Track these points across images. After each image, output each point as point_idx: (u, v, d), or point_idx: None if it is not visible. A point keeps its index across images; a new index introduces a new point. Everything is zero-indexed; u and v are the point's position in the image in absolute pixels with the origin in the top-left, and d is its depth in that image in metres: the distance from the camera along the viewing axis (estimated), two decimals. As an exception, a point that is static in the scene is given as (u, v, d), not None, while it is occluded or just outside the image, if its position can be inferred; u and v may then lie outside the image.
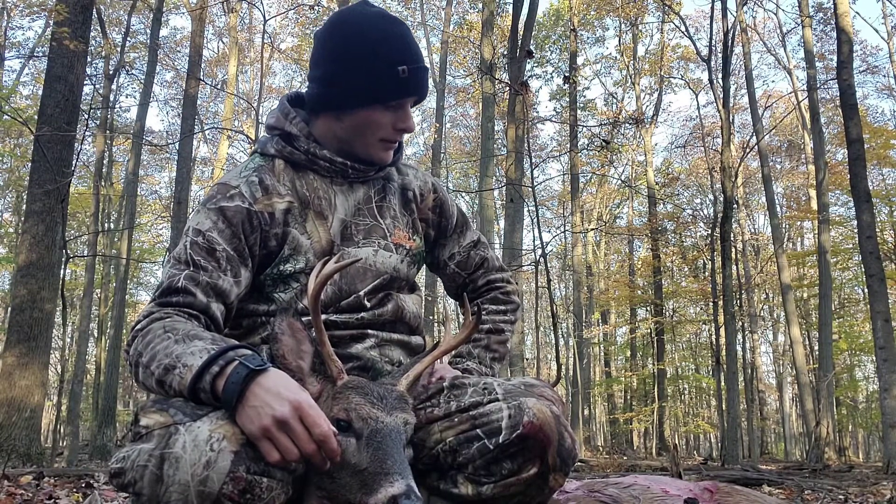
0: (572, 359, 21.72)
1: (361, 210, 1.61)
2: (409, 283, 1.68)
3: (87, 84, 15.64)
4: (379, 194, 1.65)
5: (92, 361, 18.95)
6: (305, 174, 1.58)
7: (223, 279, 1.42)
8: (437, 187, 1.77)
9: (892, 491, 4.69)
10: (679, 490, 1.75)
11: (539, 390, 1.44)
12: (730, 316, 10.05)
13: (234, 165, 22.66)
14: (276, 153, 1.58)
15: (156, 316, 1.35)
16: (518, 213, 11.91)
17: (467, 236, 1.80)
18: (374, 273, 1.58)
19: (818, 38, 19.33)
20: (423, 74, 1.54)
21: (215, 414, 1.19)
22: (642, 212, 24.84)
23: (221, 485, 1.12)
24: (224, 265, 1.43)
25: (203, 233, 1.44)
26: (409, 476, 1.18)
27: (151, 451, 1.14)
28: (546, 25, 23.01)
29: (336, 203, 1.58)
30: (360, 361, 1.52)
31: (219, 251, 1.43)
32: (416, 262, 1.69)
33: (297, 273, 1.51)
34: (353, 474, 1.22)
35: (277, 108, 1.63)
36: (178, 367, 1.23)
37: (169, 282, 1.40)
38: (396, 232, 1.64)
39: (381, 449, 1.22)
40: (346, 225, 1.58)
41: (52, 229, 7.46)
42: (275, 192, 1.52)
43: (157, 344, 1.29)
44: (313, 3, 15.39)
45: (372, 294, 1.57)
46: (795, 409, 26.99)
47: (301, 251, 1.52)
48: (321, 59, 1.55)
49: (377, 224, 1.61)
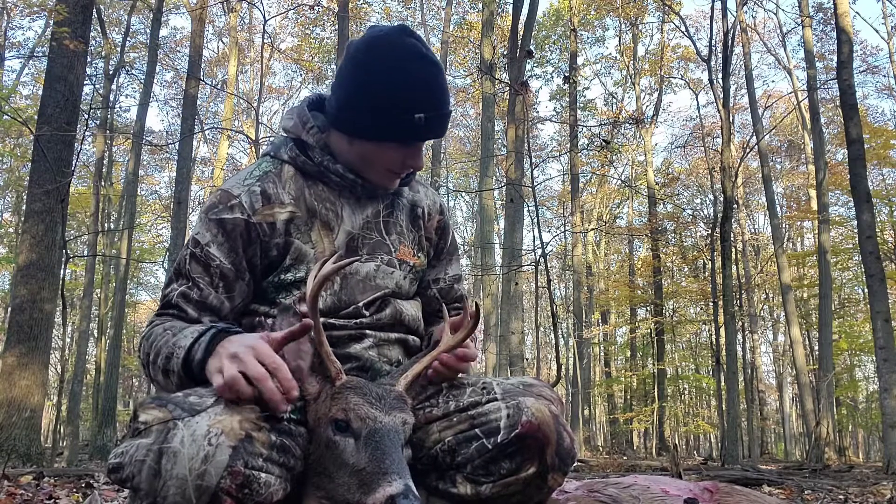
0: (572, 359, 21.71)
1: (370, 224, 1.60)
2: (409, 297, 1.68)
3: (87, 84, 15.66)
4: (387, 209, 1.64)
5: (92, 361, 18.94)
6: (315, 184, 1.57)
7: (213, 296, 1.48)
8: (444, 210, 1.78)
9: (892, 491, 4.69)
10: (679, 490, 1.75)
11: (538, 390, 1.44)
12: (730, 316, 10.04)
13: (234, 166, 22.69)
14: (288, 159, 1.57)
15: (156, 323, 1.46)
16: (518, 213, 11.90)
17: (454, 267, 1.80)
18: (374, 288, 1.57)
19: (818, 38, 19.35)
20: (442, 121, 1.50)
21: (213, 409, 1.20)
22: (642, 212, 24.85)
23: (219, 479, 1.13)
24: (216, 281, 1.47)
25: (202, 245, 1.48)
26: (407, 476, 1.18)
27: (150, 446, 1.14)
28: (546, 25, 23.01)
29: (343, 216, 1.57)
30: (359, 362, 1.52)
31: (213, 267, 1.47)
32: (418, 279, 1.70)
33: (298, 282, 1.51)
34: (351, 474, 1.23)
35: (296, 111, 1.61)
36: (176, 351, 1.34)
37: (167, 297, 1.50)
38: (402, 248, 1.63)
39: (380, 449, 1.22)
40: (352, 238, 1.57)
41: (52, 229, 7.46)
42: (277, 202, 1.52)
43: (158, 341, 1.40)
44: (313, 3, 15.40)
45: (371, 305, 1.57)
46: (795, 409, 26.98)
47: (303, 261, 1.52)
48: (343, 78, 1.52)
49: (382, 240, 1.61)
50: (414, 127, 1.45)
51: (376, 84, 1.44)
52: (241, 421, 1.20)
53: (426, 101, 1.46)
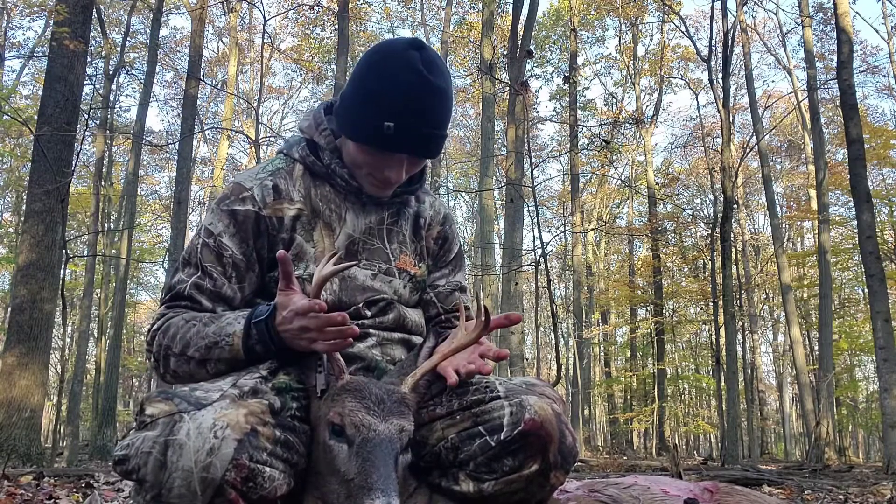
0: (572, 359, 21.71)
1: (372, 230, 1.62)
2: (409, 304, 1.68)
3: (87, 84, 15.65)
4: (392, 218, 1.65)
5: (92, 361, 18.93)
6: (322, 185, 1.59)
7: (227, 286, 1.49)
8: (447, 220, 1.78)
9: (892, 491, 4.69)
10: (679, 490, 1.75)
11: (540, 389, 1.44)
12: (730, 316, 10.03)
13: (234, 166, 22.65)
14: (299, 158, 1.60)
15: (170, 315, 1.46)
16: (518, 213, 11.91)
17: (457, 276, 1.79)
18: (373, 291, 1.59)
19: (818, 38, 19.34)
20: (416, 137, 1.45)
21: (219, 403, 1.21)
22: (642, 212, 24.85)
23: (224, 471, 1.14)
24: (230, 272, 1.50)
25: (214, 235, 1.50)
26: (391, 493, 1.17)
27: (156, 439, 1.15)
28: (546, 25, 23.01)
29: (346, 218, 1.59)
30: (364, 361, 1.53)
31: (226, 257, 1.49)
32: (418, 289, 1.70)
33: (298, 279, 1.51)
34: (340, 482, 1.24)
35: (313, 113, 1.64)
36: (223, 339, 1.37)
37: (178, 288, 1.50)
38: (402, 258, 1.64)
39: (369, 461, 1.21)
40: (353, 241, 1.58)
41: (52, 229, 7.46)
42: (287, 198, 1.55)
43: (185, 333, 1.41)
44: (313, 3, 15.40)
45: (372, 305, 1.58)
46: (795, 409, 26.98)
47: (304, 258, 1.54)
48: (349, 79, 1.56)
49: (382, 248, 1.62)
50: (382, 134, 1.42)
51: (364, 83, 1.46)
52: (246, 415, 1.21)
53: (401, 111, 1.42)
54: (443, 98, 1.46)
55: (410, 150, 1.48)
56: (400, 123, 1.42)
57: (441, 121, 1.47)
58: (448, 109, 1.49)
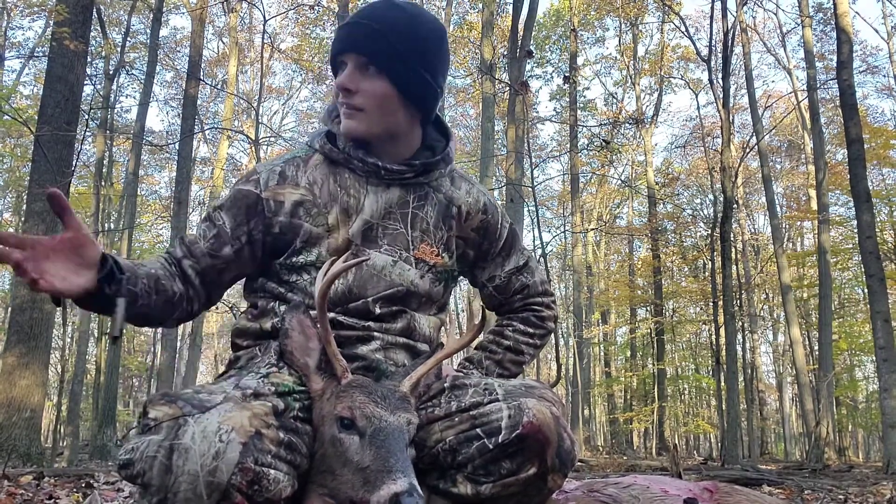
0: (572, 359, 21.72)
1: (393, 213, 1.60)
2: (432, 300, 1.65)
3: (87, 84, 15.60)
4: (418, 201, 1.63)
5: (92, 361, 18.91)
6: (342, 172, 1.61)
7: (201, 245, 1.56)
8: (489, 208, 1.71)
9: (892, 491, 4.69)
10: (679, 490, 1.75)
11: (539, 392, 1.44)
12: (730, 316, 10.03)
13: (234, 166, 22.55)
14: (318, 148, 1.64)
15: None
16: (518, 213, 11.91)
17: (512, 261, 1.75)
18: (387, 283, 1.56)
19: (818, 38, 19.33)
20: (357, 28, 1.52)
21: (223, 406, 1.21)
22: (642, 212, 24.85)
23: (230, 475, 1.14)
24: (209, 235, 1.57)
25: (217, 207, 1.60)
26: (411, 474, 1.19)
27: (161, 443, 1.15)
28: (546, 25, 23.00)
29: (364, 203, 1.58)
30: (366, 362, 1.53)
31: (216, 225, 1.57)
32: (441, 280, 1.64)
33: (308, 265, 1.54)
34: (355, 472, 1.24)
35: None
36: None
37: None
38: (422, 246, 1.61)
39: (384, 447, 1.23)
40: (370, 226, 1.58)
41: (52, 229, 7.46)
42: (291, 183, 1.58)
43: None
44: (313, 2, 15.39)
45: (382, 303, 1.56)
46: (795, 409, 26.97)
47: (316, 244, 1.54)
48: None
49: (404, 233, 1.60)
50: (336, 38, 1.56)
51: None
52: (250, 418, 1.20)
53: (356, 14, 1.54)
54: (396, 9, 1.53)
55: (350, 45, 1.53)
56: (343, 27, 1.55)
57: (389, 22, 1.50)
58: (406, 23, 1.52)
